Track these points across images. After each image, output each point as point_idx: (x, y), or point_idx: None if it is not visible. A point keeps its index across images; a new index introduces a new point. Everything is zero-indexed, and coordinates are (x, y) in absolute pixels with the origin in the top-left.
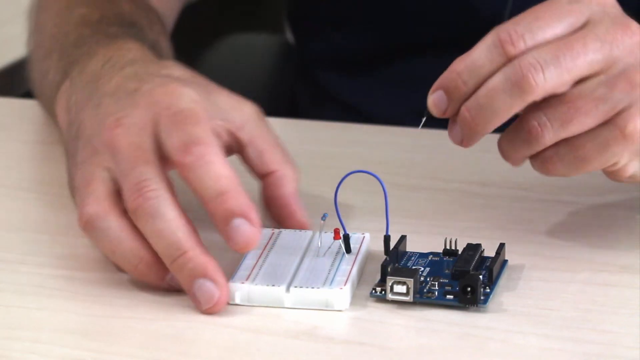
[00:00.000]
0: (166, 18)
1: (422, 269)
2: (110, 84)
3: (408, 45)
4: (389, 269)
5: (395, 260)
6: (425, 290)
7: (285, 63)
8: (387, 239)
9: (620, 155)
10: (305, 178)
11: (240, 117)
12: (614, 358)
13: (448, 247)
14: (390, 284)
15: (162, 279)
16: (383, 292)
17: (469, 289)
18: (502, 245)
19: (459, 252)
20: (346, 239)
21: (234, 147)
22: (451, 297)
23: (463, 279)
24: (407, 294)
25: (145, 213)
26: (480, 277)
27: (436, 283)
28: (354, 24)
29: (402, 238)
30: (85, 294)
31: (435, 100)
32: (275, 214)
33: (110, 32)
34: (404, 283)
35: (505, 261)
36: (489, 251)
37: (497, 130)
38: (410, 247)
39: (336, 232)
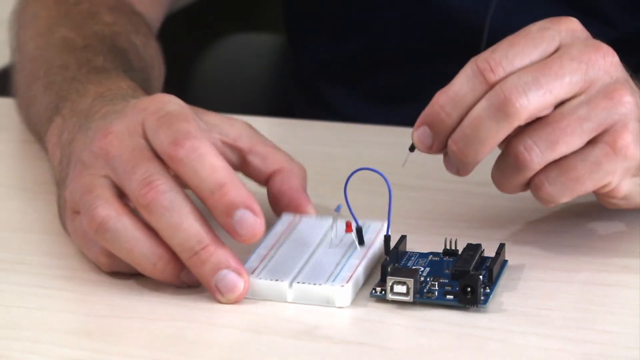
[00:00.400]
0: (151, 21)
1: (422, 269)
2: (99, 112)
3: (392, 56)
4: (389, 269)
5: (395, 260)
6: (425, 290)
7: (285, 63)
8: (387, 239)
9: (613, 174)
10: (309, 178)
11: (233, 129)
12: (614, 358)
13: (448, 247)
14: (390, 284)
15: (176, 276)
16: (383, 292)
17: (469, 289)
18: (502, 245)
19: (459, 252)
20: (359, 231)
21: (234, 160)
22: (451, 297)
23: (463, 279)
24: (407, 294)
25: (160, 206)
26: (480, 277)
27: (436, 283)
28: (340, 32)
29: (402, 238)
30: (85, 294)
31: (420, 137)
32: (283, 208)
33: (98, 65)
34: (404, 283)
35: (505, 261)
36: (489, 251)
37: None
38: (410, 247)
39: (348, 225)
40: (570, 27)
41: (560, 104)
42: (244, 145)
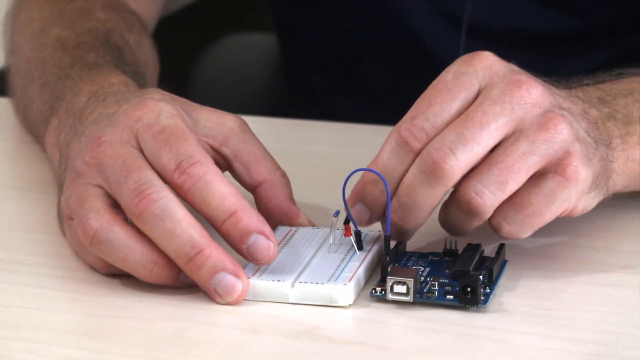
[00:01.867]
0: (146, 20)
1: (422, 269)
2: (93, 114)
3: (373, 54)
4: (389, 269)
5: (396, 260)
6: (425, 290)
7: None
8: (387, 239)
9: (568, 200)
10: (305, 178)
11: (221, 132)
12: (614, 358)
13: (448, 248)
14: (390, 284)
15: (175, 279)
16: (383, 292)
17: (469, 289)
18: (502, 246)
19: (459, 252)
20: (357, 236)
21: (221, 163)
22: (451, 297)
23: (463, 279)
24: (407, 294)
25: (152, 215)
26: (480, 277)
27: (436, 283)
28: (325, 22)
29: None
30: (85, 294)
31: (357, 214)
32: (276, 223)
33: (90, 61)
34: (404, 283)
35: (505, 261)
36: (489, 251)
37: None
38: (411, 247)
39: (347, 228)
40: (486, 65)
41: (497, 144)
42: (228, 152)
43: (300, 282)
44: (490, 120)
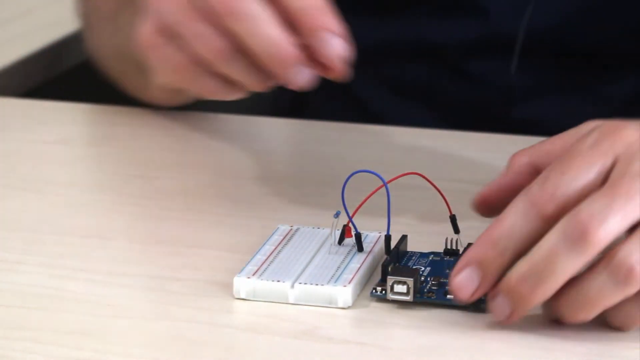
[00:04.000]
0: None
1: (423, 268)
2: None
3: (410, 48)
4: (389, 269)
5: (396, 260)
6: (425, 290)
7: None
8: (387, 238)
9: None
10: (306, 178)
11: None
12: (614, 358)
13: (449, 247)
14: (390, 284)
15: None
16: (383, 292)
17: None
18: None
19: (460, 252)
20: (358, 237)
21: None
22: (451, 297)
23: None
24: (407, 293)
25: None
26: None
27: (437, 283)
28: (364, 19)
29: (403, 238)
30: (85, 294)
31: (462, 282)
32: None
33: None
34: (404, 283)
35: None
36: None
37: None
38: (411, 247)
39: (348, 230)
40: (625, 140)
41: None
42: None
43: (300, 283)
44: (638, 192)
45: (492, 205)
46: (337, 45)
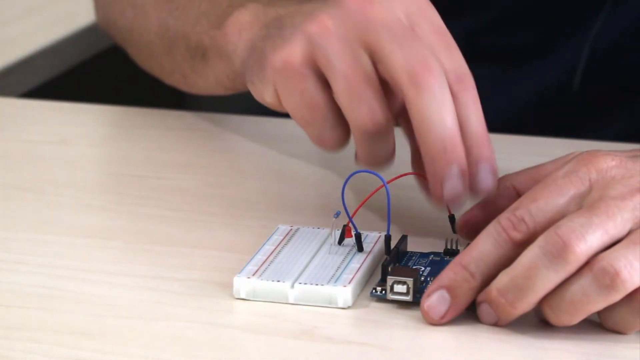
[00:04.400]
0: None
1: (423, 268)
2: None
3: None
4: (389, 269)
5: (396, 259)
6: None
7: None
8: (387, 238)
9: None
10: (308, 178)
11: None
12: (614, 358)
13: (449, 247)
14: (390, 284)
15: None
16: (383, 292)
17: None
18: None
19: (460, 252)
20: (358, 237)
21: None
22: None
23: None
24: (407, 293)
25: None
26: None
27: None
28: None
29: (403, 238)
30: (85, 294)
31: (433, 304)
32: None
33: None
34: (404, 283)
35: None
36: None
37: None
38: (411, 247)
39: (348, 230)
40: (600, 167)
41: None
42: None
43: (300, 283)
44: (616, 212)
45: (474, 229)
46: (491, 181)
